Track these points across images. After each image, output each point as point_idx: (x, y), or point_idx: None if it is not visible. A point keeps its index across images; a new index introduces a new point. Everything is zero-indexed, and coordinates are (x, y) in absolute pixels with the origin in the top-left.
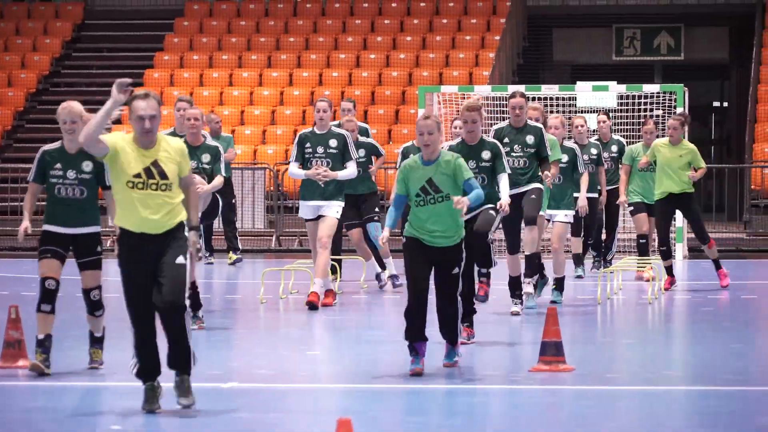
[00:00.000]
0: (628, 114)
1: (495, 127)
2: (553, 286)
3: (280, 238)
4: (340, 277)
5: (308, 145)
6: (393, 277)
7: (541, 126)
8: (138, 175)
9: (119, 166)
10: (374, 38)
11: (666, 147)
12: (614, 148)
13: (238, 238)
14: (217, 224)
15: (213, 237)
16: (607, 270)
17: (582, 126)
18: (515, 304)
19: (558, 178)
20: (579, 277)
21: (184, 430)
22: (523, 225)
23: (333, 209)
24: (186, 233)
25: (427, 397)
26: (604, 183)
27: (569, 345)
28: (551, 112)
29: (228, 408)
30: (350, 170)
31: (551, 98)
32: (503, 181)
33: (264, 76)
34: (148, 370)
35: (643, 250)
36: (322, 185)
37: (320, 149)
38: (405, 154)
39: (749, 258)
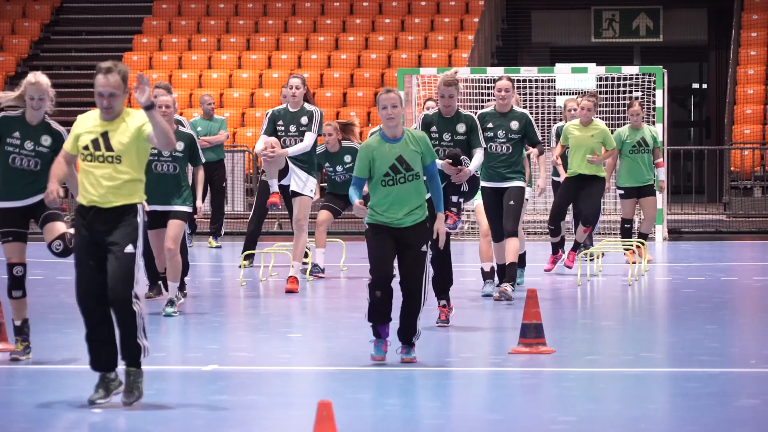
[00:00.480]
0: (608, 96)
1: (479, 112)
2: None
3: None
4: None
5: (281, 123)
6: (315, 266)
7: (526, 112)
8: (86, 147)
9: (77, 141)
10: (353, 21)
11: (577, 128)
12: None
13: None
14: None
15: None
16: (587, 251)
17: (574, 110)
18: (506, 285)
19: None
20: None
21: (164, 413)
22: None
23: (306, 188)
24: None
25: (408, 379)
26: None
27: (549, 327)
28: (530, 94)
29: (208, 391)
30: (304, 143)
31: (530, 80)
32: (477, 154)
33: (243, 58)
34: (97, 363)
35: (627, 234)
36: (269, 163)
37: (292, 128)
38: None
39: (729, 240)
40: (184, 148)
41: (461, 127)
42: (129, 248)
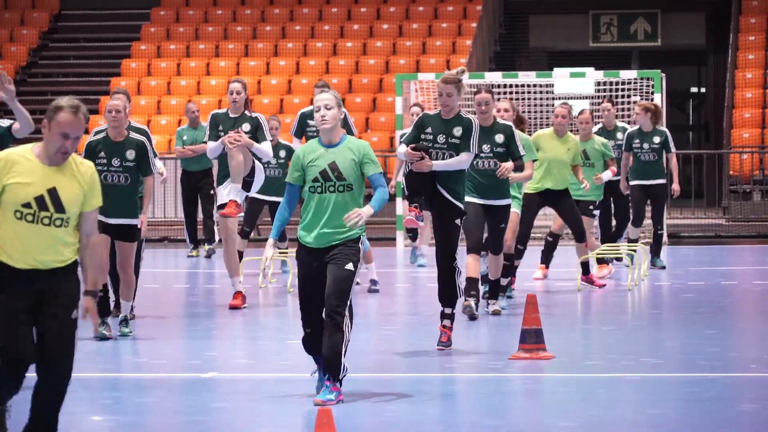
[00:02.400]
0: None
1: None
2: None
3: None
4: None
5: (221, 127)
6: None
7: (510, 124)
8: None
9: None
10: (351, 26)
11: (550, 139)
12: (620, 135)
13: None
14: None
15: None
16: (586, 257)
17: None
18: (493, 303)
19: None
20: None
21: (165, 420)
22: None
23: (235, 193)
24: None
25: (408, 385)
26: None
27: (549, 332)
28: (529, 99)
29: (208, 398)
30: (266, 147)
31: (528, 85)
32: (461, 156)
33: (241, 65)
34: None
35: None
36: (230, 148)
37: (233, 133)
38: (423, 122)
39: (728, 244)
40: (135, 157)
41: (458, 131)
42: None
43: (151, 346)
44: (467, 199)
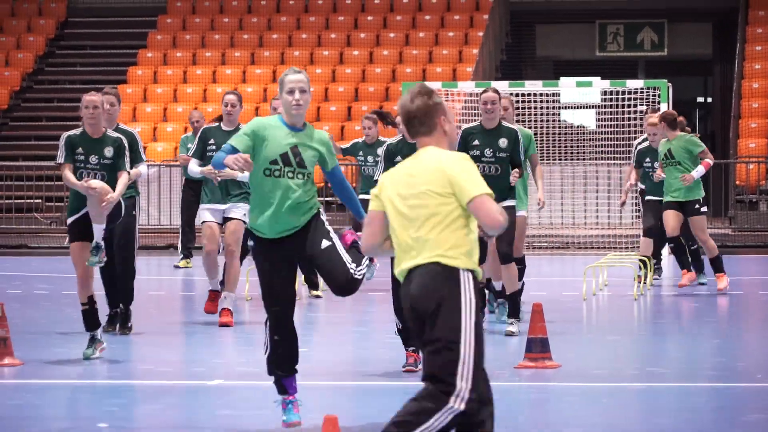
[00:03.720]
0: (612, 110)
1: (464, 127)
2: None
3: None
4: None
5: (212, 141)
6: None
7: (516, 129)
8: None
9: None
10: (358, 35)
11: None
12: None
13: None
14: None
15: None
16: (592, 266)
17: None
18: (510, 323)
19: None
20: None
21: (170, 428)
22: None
23: (239, 211)
24: None
25: (413, 392)
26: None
27: (555, 341)
28: (535, 108)
29: (214, 405)
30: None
31: (534, 94)
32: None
33: (248, 72)
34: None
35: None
36: (216, 183)
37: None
38: (391, 151)
39: (734, 254)
40: (113, 155)
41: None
42: None
43: (157, 354)
44: None
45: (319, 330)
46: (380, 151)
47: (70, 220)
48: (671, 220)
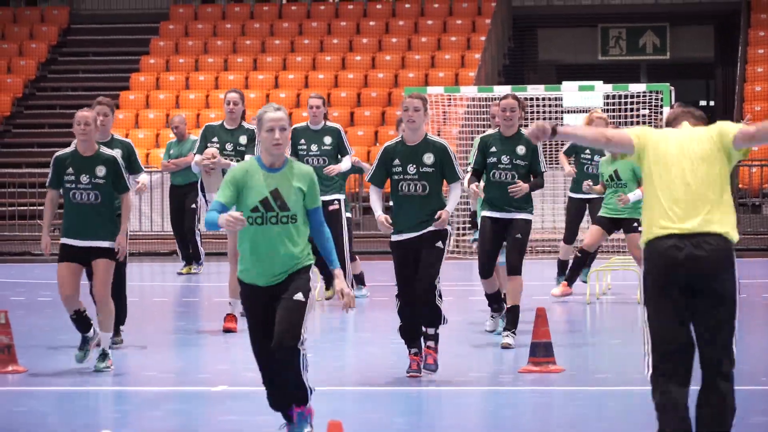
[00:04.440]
0: (615, 114)
1: (482, 135)
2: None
3: None
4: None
5: (215, 139)
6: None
7: None
8: None
9: None
10: (360, 40)
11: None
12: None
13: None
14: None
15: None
16: (595, 270)
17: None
18: (506, 336)
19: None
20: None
21: None
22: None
23: None
24: None
25: (417, 398)
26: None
27: (559, 346)
28: (537, 112)
29: (218, 411)
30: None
31: (537, 98)
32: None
33: (250, 78)
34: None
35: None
36: (209, 173)
37: (229, 146)
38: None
39: (737, 257)
40: (105, 174)
41: (521, 150)
42: None
43: (160, 360)
44: (484, 213)
45: (322, 335)
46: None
47: (62, 241)
48: (597, 236)
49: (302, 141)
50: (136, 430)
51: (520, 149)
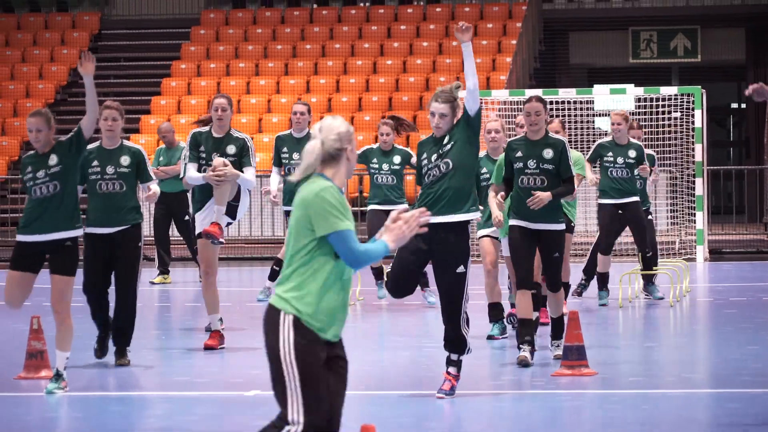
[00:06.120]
0: (646, 117)
1: (509, 140)
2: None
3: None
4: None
5: (202, 148)
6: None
7: (564, 140)
8: None
9: None
10: (391, 44)
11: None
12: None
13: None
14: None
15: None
16: (627, 273)
17: (619, 125)
18: (522, 350)
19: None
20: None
21: None
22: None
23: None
24: None
25: (450, 402)
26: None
27: (591, 349)
28: (569, 115)
29: (252, 416)
30: (250, 176)
31: (568, 102)
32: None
33: (281, 83)
34: None
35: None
36: (219, 185)
37: (216, 156)
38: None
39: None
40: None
41: (548, 153)
42: None
43: (192, 364)
44: (512, 222)
45: (355, 340)
46: (397, 158)
47: (19, 238)
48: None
49: (284, 149)
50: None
51: (547, 153)
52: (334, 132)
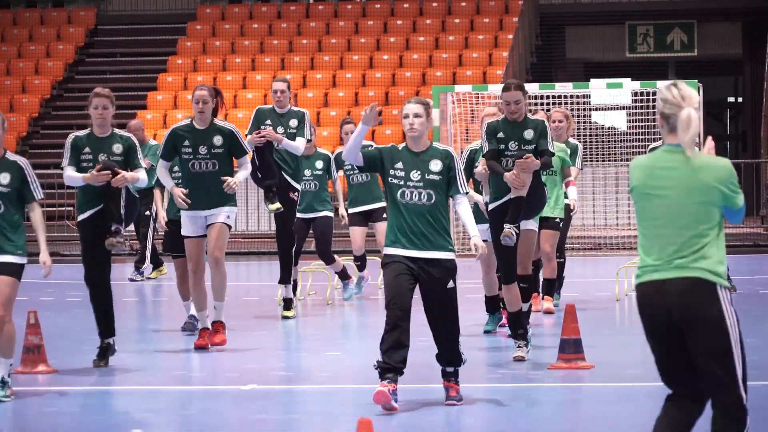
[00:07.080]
0: (643, 111)
1: (489, 121)
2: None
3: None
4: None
5: (186, 143)
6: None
7: (544, 119)
8: None
9: None
10: (387, 39)
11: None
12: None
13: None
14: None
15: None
16: (623, 267)
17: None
18: (519, 347)
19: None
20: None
21: None
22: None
23: (223, 215)
24: None
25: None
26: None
27: (588, 342)
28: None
29: (248, 410)
30: (245, 170)
31: (565, 96)
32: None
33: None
34: None
35: None
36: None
37: (203, 149)
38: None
39: (767, 253)
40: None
41: (528, 134)
42: None
43: (189, 359)
44: (491, 206)
45: (351, 334)
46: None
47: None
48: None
49: (268, 122)
50: (168, 429)
51: (528, 133)
52: (695, 101)
